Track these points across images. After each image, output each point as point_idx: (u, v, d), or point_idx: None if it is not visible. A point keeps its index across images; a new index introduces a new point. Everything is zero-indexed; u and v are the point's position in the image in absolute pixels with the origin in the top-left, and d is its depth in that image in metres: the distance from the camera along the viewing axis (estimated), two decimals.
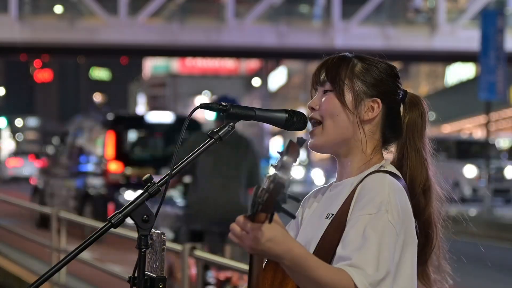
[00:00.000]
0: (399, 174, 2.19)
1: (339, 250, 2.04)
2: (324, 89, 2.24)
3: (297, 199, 1.86)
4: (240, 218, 1.87)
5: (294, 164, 1.78)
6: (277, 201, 1.78)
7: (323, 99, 2.23)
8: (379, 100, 2.22)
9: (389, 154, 2.29)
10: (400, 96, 2.27)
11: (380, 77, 2.24)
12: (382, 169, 2.18)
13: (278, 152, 1.83)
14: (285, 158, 1.79)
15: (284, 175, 1.77)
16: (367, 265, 1.98)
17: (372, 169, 2.19)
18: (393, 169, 2.20)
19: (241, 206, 6.57)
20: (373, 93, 2.22)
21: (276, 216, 1.86)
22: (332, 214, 2.16)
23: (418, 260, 2.17)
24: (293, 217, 1.86)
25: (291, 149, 1.80)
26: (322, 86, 2.25)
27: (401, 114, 2.27)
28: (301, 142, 1.80)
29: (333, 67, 2.24)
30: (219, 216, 6.54)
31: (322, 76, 2.25)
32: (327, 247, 2.10)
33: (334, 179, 2.30)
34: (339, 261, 2.02)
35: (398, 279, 2.08)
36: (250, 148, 6.91)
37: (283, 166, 1.78)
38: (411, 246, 2.13)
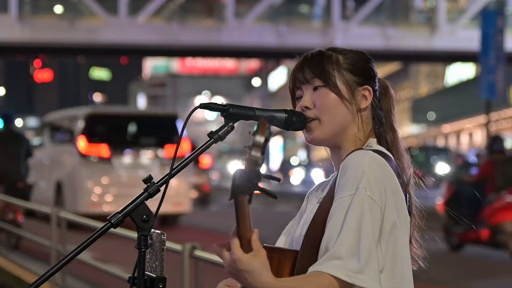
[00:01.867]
0: (389, 154, 2.19)
1: (323, 240, 2.05)
2: (314, 86, 2.23)
3: (276, 178, 1.87)
4: (217, 247, 1.97)
5: (265, 142, 1.78)
6: (252, 179, 1.77)
7: (316, 95, 2.22)
8: (369, 88, 2.24)
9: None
10: (377, 80, 2.30)
11: (362, 64, 2.26)
12: (368, 148, 2.18)
13: (249, 133, 1.82)
14: (256, 137, 1.78)
15: (256, 153, 1.76)
16: (347, 254, 1.97)
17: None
18: (381, 148, 2.20)
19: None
20: (362, 81, 2.24)
21: (258, 246, 1.91)
22: (321, 198, 2.18)
23: None
24: (274, 197, 1.87)
25: (261, 127, 1.80)
26: (309, 84, 2.24)
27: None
28: (270, 119, 1.81)
29: (317, 63, 2.24)
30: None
31: (307, 74, 2.24)
32: (315, 228, 2.10)
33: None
34: (323, 251, 2.03)
35: (391, 256, 2.04)
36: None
37: (254, 145, 1.78)
38: (405, 223, 2.11)
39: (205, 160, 26.54)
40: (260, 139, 1.79)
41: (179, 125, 16.07)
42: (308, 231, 2.13)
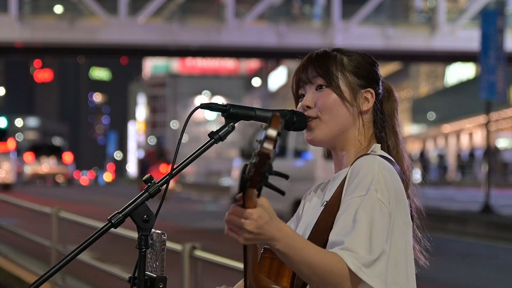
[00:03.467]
0: (392, 159, 2.20)
1: (331, 235, 2.04)
2: (317, 86, 2.24)
3: (285, 175, 1.85)
4: (236, 208, 1.86)
5: (278, 136, 1.77)
6: (263, 172, 1.77)
7: (318, 95, 2.23)
8: (372, 91, 2.25)
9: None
10: (381, 84, 2.30)
11: (366, 67, 2.27)
12: (373, 153, 2.19)
13: (262, 126, 1.82)
14: (268, 130, 1.77)
15: (269, 146, 1.76)
16: (360, 248, 1.97)
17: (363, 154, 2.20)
18: (384, 154, 2.21)
19: None
20: (365, 84, 2.24)
21: (263, 200, 1.86)
22: (327, 201, 2.18)
23: None
24: (282, 193, 1.85)
25: (274, 121, 1.78)
26: (312, 84, 2.25)
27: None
28: (284, 114, 1.79)
29: (322, 63, 2.24)
30: None
31: (311, 74, 2.25)
32: (321, 232, 2.10)
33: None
34: (332, 246, 2.02)
35: (395, 259, 2.06)
36: None
37: (267, 137, 1.77)
38: (408, 227, 2.12)
39: (67, 157, 48.54)
40: (273, 132, 1.76)
41: None
42: (311, 234, 2.13)
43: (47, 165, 47.18)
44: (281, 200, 14.98)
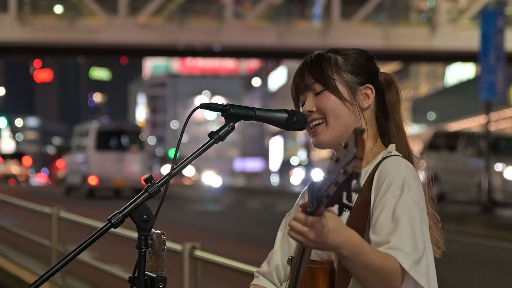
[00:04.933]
0: (402, 156, 2.24)
1: (373, 236, 2.08)
2: (315, 91, 2.24)
3: (349, 206, 1.83)
4: (300, 214, 1.89)
5: (361, 155, 1.74)
6: (349, 192, 1.75)
7: (318, 99, 2.24)
8: (371, 86, 2.26)
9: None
10: (380, 77, 2.30)
11: (362, 63, 2.27)
12: (390, 154, 2.23)
13: (341, 144, 1.79)
14: (354, 149, 1.74)
15: (357, 166, 1.73)
16: (406, 245, 2.03)
17: (381, 155, 2.24)
18: (399, 154, 2.25)
19: None
20: (363, 80, 2.26)
21: (322, 210, 1.87)
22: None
23: None
24: (351, 208, 1.83)
25: (359, 140, 1.74)
26: (310, 90, 2.26)
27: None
28: (362, 131, 1.77)
29: (316, 67, 2.25)
30: None
31: (307, 80, 2.26)
32: None
33: None
34: (376, 246, 2.06)
35: (428, 253, 2.14)
36: None
37: (356, 157, 1.73)
38: (427, 223, 2.19)
39: (26, 161, 55.32)
40: (360, 152, 1.73)
41: None
42: None
43: (11, 167, 55.64)
44: None
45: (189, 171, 72.16)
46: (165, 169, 73.39)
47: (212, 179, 72.15)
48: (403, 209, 2.08)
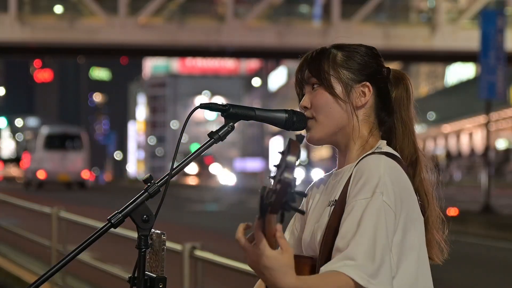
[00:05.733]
0: (398, 155, 2.18)
1: (337, 239, 2.04)
2: (312, 86, 2.24)
3: (303, 194, 1.86)
4: (239, 233, 1.91)
5: (297, 162, 1.78)
6: (286, 201, 1.78)
7: (313, 95, 2.23)
8: (368, 84, 2.22)
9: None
10: (386, 74, 2.27)
11: (364, 60, 2.24)
12: (378, 150, 2.18)
13: (279, 152, 1.82)
14: (288, 157, 1.77)
15: (290, 175, 1.76)
16: (362, 256, 1.97)
17: (369, 152, 2.18)
18: (390, 150, 2.19)
19: None
20: (361, 78, 2.22)
21: (286, 244, 1.87)
22: (335, 201, 2.16)
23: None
24: (303, 213, 1.86)
25: (292, 148, 1.78)
26: (308, 84, 2.25)
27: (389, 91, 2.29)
28: (300, 138, 1.80)
29: (314, 62, 2.24)
30: None
31: (306, 74, 2.25)
32: (333, 235, 2.09)
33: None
34: (335, 252, 2.02)
35: (404, 260, 2.07)
36: None
37: (287, 166, 1.77)
38: (416, 224, 2.12)
39: (23, 163, 49.42)
40: (293, 159, 1.77)
41: None
42: (324, 237, 2.13)
43: (11, 169, 61.06)
44: None
45: (191, 168, 72.34)
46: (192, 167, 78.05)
47: (227, 178, 72.09)
48: (370, 214, 2.01)
